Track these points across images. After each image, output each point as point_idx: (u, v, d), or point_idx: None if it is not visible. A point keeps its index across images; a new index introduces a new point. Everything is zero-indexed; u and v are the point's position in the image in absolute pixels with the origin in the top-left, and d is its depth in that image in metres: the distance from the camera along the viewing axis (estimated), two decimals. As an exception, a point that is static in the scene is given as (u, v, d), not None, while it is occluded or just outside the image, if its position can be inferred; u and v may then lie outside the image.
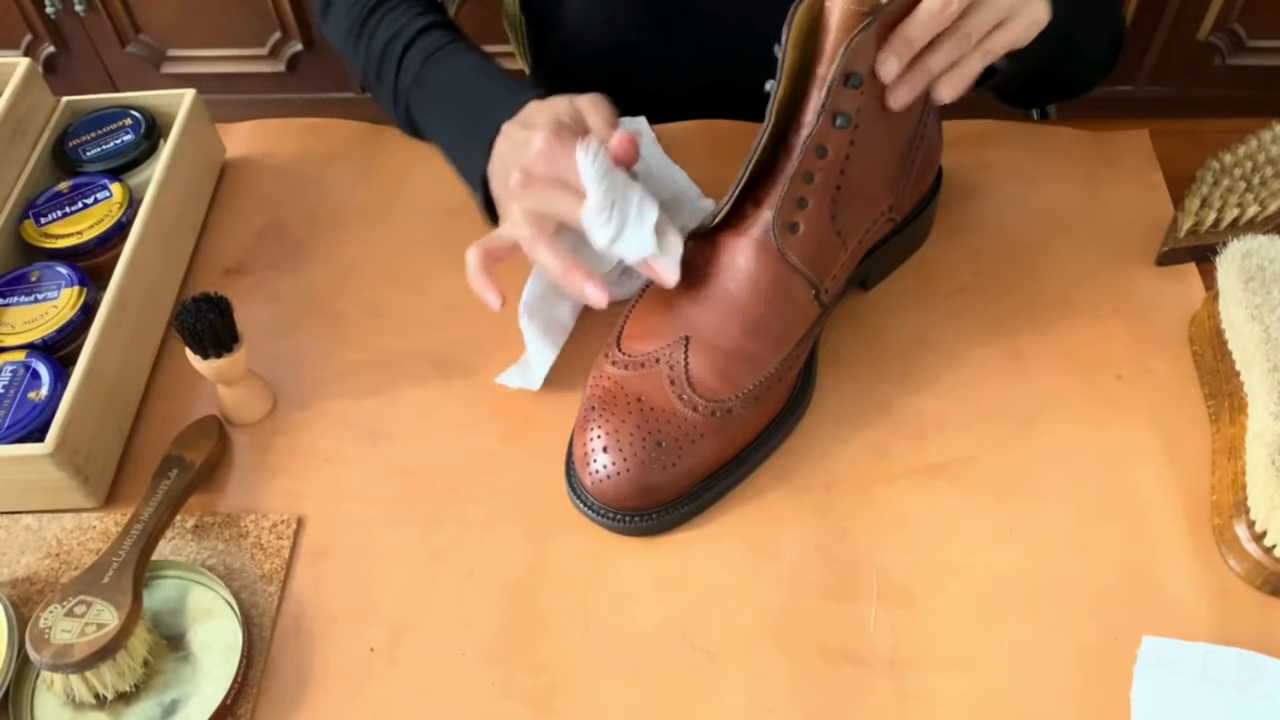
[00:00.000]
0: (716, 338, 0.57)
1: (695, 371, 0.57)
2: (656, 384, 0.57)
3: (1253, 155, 0.68)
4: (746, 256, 0.57)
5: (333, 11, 0.76)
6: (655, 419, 0.56)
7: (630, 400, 0.56)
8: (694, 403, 0.56)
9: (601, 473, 0.55)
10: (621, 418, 0.56)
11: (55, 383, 0.60)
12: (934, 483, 0.59)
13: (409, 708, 0.52)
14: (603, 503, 0.56)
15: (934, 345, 0.65)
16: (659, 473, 0.55)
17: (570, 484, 0.58)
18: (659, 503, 0.56)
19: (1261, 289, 0.57)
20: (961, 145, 0.76)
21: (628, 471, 0.55)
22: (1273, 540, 0.52)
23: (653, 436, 0.55)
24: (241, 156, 0.81)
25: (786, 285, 0.57)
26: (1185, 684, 0.50)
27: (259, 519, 0.59)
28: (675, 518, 0.57)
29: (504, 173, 0.59)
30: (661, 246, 0.56)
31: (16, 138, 0.72)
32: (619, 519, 0.56)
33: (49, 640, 0.49)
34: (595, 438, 0.56)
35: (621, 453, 0.55)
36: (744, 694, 0.52)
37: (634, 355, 0.58)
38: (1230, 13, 1.59)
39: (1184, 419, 0.61)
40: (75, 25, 1.73)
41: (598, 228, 0.55)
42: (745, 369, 0.57)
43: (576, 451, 0.57)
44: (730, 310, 0.57)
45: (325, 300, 0.71)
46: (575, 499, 0.58)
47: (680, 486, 0.57)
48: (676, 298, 0.58)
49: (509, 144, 0.60)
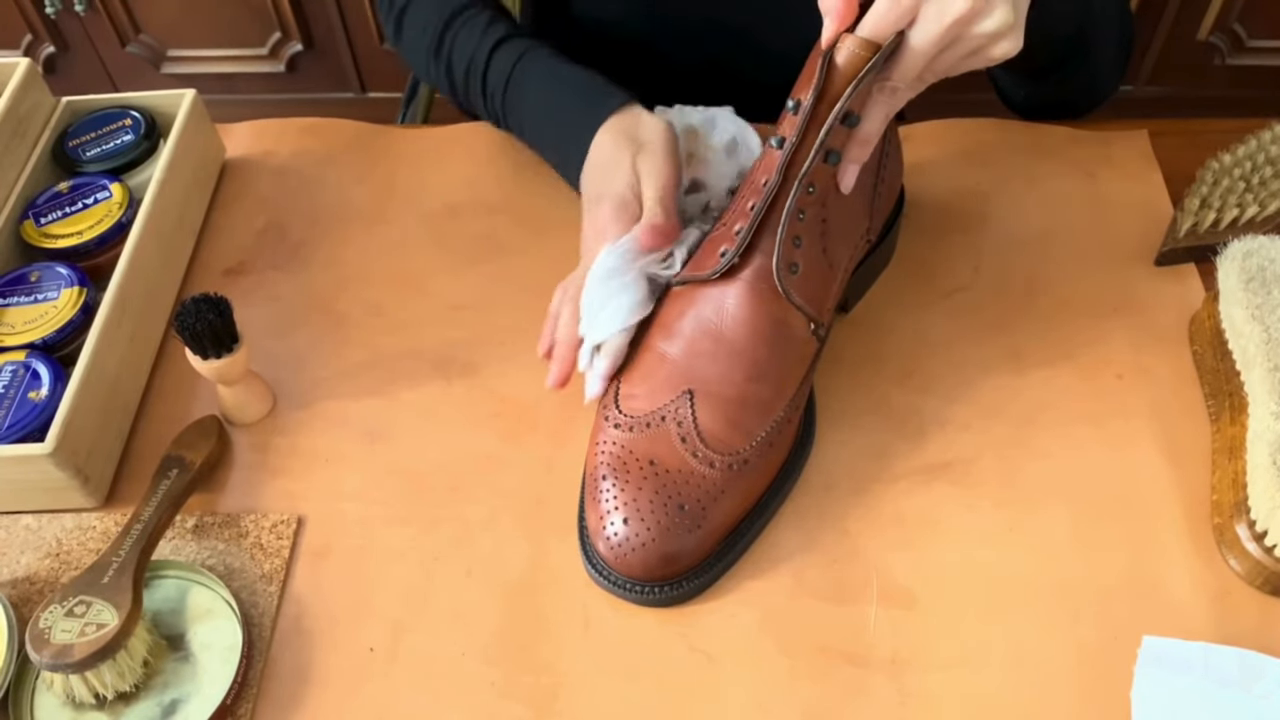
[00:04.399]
0: (721, 388, 0.55)
1: (705, 425, 0.54)
2: (667, 444, 0.54)
3: (1252, 155, 0.68)
4: (743, 301, 0.55)
5: (407, 31, 0.78)
6: (672, 481, 0.54)
7: (643, 464, 0.54)
8: (709, 458, 0.54)
9: (624, 545, 0.53)
10: (638, 485, 0.54)
11: (55, 383, 0.60)
12: (934, 483, 0.59)
13: (409, 708, 0.52)
14: (628, 575, 0.54)
15: (934, 345, 0.65)
16: (684, 537, 0.53)
17: (587, 556, 0.56)
18: (685, 568, 0.54)
19: (1262, 289, 0.57)
20: (961, 145, 0.76)
21: (652, 541, 0.53)
22: (1273, 540, 0.52)
23: (674, 500, 0.53)
24: (241, 156, 0.81)
25: (785, 325, 0.56)
26: (1186, 683, 0.50)
27: (259, 519, 0.59)
28: (704, 582, 0.55)
29: (584, 215, 0.63)
30: (595, 359, 0.58)
31: (16, 138, 0.72)
32: (645, 591, 0.54)
33: (49, 640, 0.49)
34: (613, 509, 0.53)
35: (644, 521, 0.53)
36: (744, 694, 0.52)
37: (637, 415, 0.56)
38: (1230, 13, 1.59)
39: (1184, 419, 0.61)
40: (75, 25, 1.73)
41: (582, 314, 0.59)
42: (754, 416, 0.55)
43: (591, 524, 0.55)
44: (732, 358, 0.55)
45: (325, 300, 0.71)
46: (594, 573, 0.55)
47: (707, 547, 0.54)
48: (671, 351, 0.57)
49: (584, 202, 0.63)
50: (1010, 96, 0.77)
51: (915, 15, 0.50)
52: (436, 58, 0.75)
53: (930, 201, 0.73)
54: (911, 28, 0.51)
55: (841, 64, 0.52)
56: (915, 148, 0.76)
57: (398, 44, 0.80)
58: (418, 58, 0.78)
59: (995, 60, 0.53)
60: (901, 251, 0.69)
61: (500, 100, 0.72)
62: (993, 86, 0.78)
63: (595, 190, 0.63)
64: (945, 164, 0.75)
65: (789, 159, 0.54)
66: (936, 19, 0.50)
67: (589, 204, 0.63)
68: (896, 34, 0.51)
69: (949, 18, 0.50)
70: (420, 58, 0.77)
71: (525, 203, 0.75)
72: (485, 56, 0.72)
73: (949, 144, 0.77)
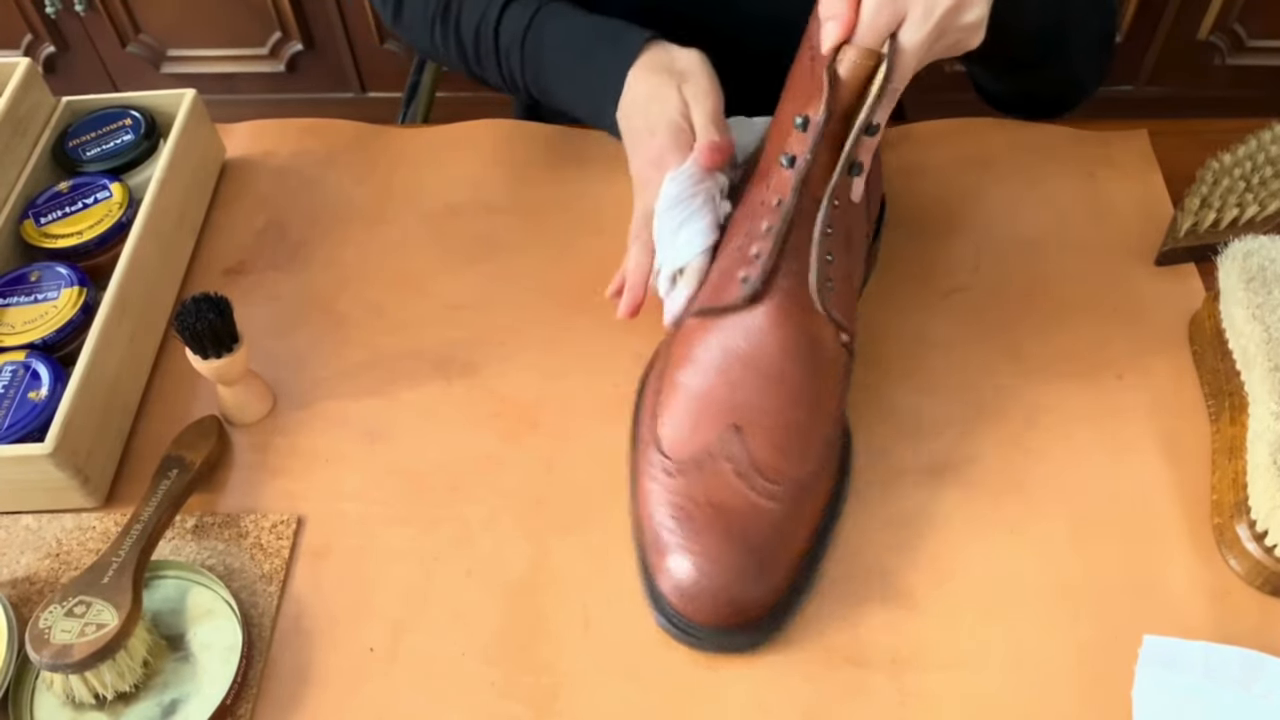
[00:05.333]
0: (767, 417, 0.54)
1: (760, 457, 0.53)
2: (723, 482, 0.53)
3: (1253, 155, 0.68)
4: (774, 325, 0.54)
5: (407, 6, 0.77)
6: (739, 522, 0.52)
7: (705, 508, 0.52)
8: (770, 491, 0.53)
9: (702, 595, 0.51)
10: (707, 533, 0.52)
11: (55, 383, 0.60)
12: (934, 483, 0.59)
13: (409, 708, 0.52)
14: (704, 625, 0.52)
15: (934, 345, 0.65)
16: (760, 577, 0.51)
17: (658, 608, 0.53)
18: (764, 609, 0.52)
19: (1263, 289, 0.57)
20: (961, 144, 0.76)
21: (728, 587, 0.51)
22: (1274, 540, 0.52)
23: (746, 542, 0.51)
24: (241, 156, 0.81)
25: (819, 343, 0.55)
26: (1187, 683, 0.50)
27: (259, 519, 0.59)
28: (776, 623, 0.53)
29: (630, 158, 0.62)
30: (678, 284, 0.58)
31: (16, 138, 0.72)
32: (723, 636, 0.52)
33: (49, 640, 0.49)
34: (684, 558, 0.51)
35: (718, 564, 0.51)
36: (744, 694, 0.52)
37: (684, 458, 0.54)
38: (1230, 13, 1.59)
39: (1184, 419, 0.61)
40: (75, 25, 1.73)
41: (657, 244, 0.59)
42: (803, 440, 0.54)
43: (662, 581, 0.52)
44: (772, 384, 0.54)
45: (325, 300, 0.71)
46: (669, 625, 0.53)
47: (782, 585, 0.53)
48: (705, 386, 0.55)
49: (631, 138, 0.62)
50: (988, 91, 0.76)
51: (904, 16, 0.50)
52: (443, 24, 0.74)
53: (930, 201, 0.73)
54: (900, 29, 0.51)
55: (846, 75, 0.51)
56: (915, 148, 0.76)
57: (396, 23, 0.79)
58: (420, 30, 0.76)
59: (969, 49, 0.53)
60: (902, 252, 0.69)
61: (518, 57, 0.71)
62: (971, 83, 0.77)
63: (643, 124, 0.62)
64: (945, 164, 0.75)
65: (805, 176, 0.53)
66: (924, 17, 0.50)
67: (637, 139, 0.62)
68: (890, 37, 0.51)
69: (937, 13, 0.50)
70: (423, 30, 0.76)
71: (525, 202, 0.75)
72: (497, 14, 0.71)
73: (949, 144, 0.77)
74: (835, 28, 0.51)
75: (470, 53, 0.74)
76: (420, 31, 0.77)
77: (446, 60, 0.77)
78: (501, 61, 0.72)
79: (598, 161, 0.77)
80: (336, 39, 1.73)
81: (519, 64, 0.71)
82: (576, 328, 0.67)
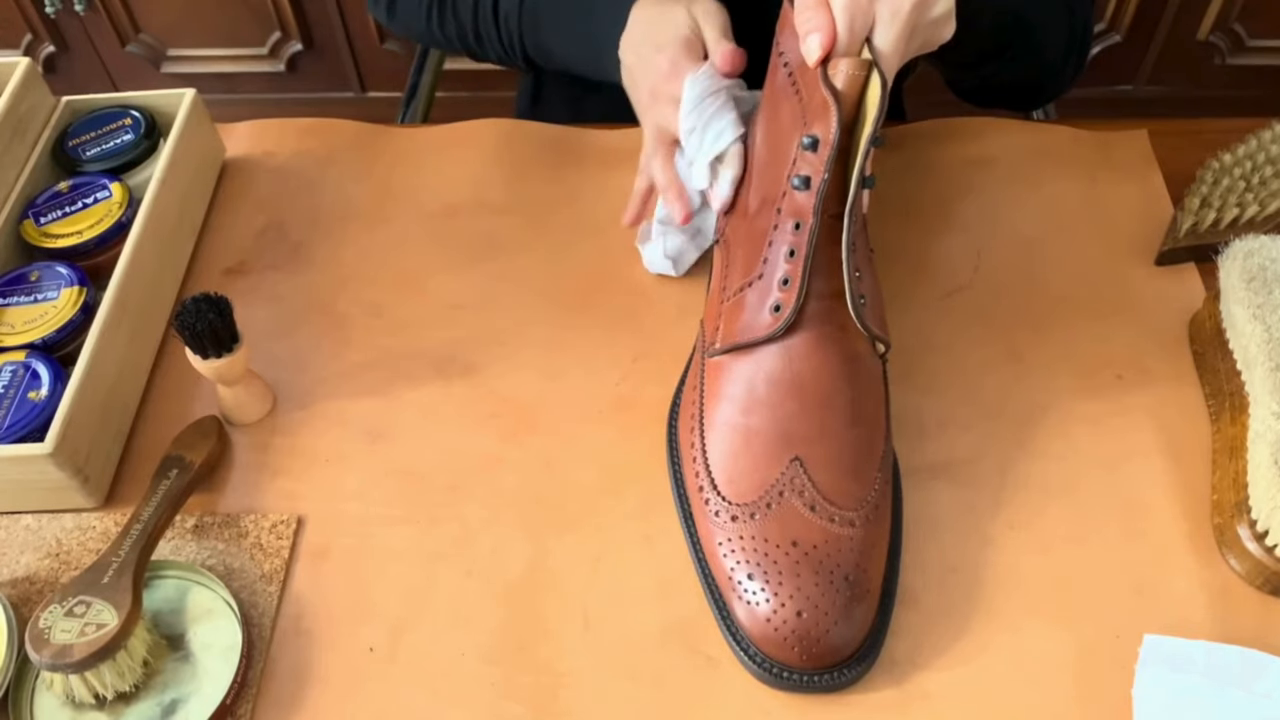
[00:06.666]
0: (824, 444, 0.53)
1: (826, 486, 0.52)
2: (796, 517, 0.51)
3: (1253, 155, 0.68)
4: (814, 348, 0.53)
5: (399, 4, 0.78)
6: (823, 555, 0.51)
7: (786, 548, 0.51)
8: (845, 517, 0.51)
9: (807, 638, 0.49)
10: (796, 574, 0.50)
11: (55, 383, 0.60)
12: (934, 483, 0.59)
13: (409, 708, 0.52)
14: (801, 667, 0.50)
15: (934, 345, 0.65)
16: (857, 606, 0.50)
17: (755, 662, 0.51)
18: (866, 635, 0.51)
19: (1264, 289, 0.57)
20: (961, 144, 0.76)
21: (834, 625, 0.49)
22: (1274, 540, 0.52)
23: (839, 572, 0.50)
24: (241, 156, 0.81)
25: (858, 358, 0.54)
26: (1187, 682, 0.50)
27: (259, 519, 0.59)
28: (870, 662, 0.51)
29: (635, 89, 0.63)
30: (719, 172, 0.59)
31: (16, 138, 0.72)
32: (826, 675, 0.50)
33: (48, 640, 0.49)
34: (780, 605, 0.50)
35: (818, 606, 0.49)
36: (743, 695, 0.52)
37: (748, 500, 0.52)
38: (1230, 13, 1.59)
39: (1184, 419, 0.61)
40: (75, 25, 1.73)
41: (684, 148, 0.60)
42: (864, 459, 0.53)
43: (754, 629, 0.51)
44: (824, 409, 0.53)
45: (325, 300, 0.71)
46: (764, 672, 0.51)
47: (872, 611, 0.52)
48: (753, 423, 0.54)
49: (640, 62, 0.62)
50: (962, 86, 0.76)
51: (873, 19, 0.50)
52: (440, 7, 0.75)
53: (930, 201, 0.73)
54: (872, 33, 0.51)
55: (844, 88, 0.51)
56: (915, 148, 0.76)
57: (391, 20, 0.80)
58: (416, 21, 0.77)
59: (943, 42, 0.54)
60: (902, 251, 0.69)
61: (516, 21, 0.71)
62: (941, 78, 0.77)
63: (651, 46, 0.62)
64: (945, 164, 0.75)
65: (824, 196, 0.52)
66: (893, 17, 0.50)
67: (644, 63, 0.62)
68: (865, 43, 0.51)
69: (904, 12, 0.50)
70: (418, 13, 0.77)
71: (525, 202, 0.75)
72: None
73: (949, 144, 0.77)
74: (818, 39, 0.50)
75: (470, 29, 0.75)
76: (416, 22, 0.77)
77: (445, 43, 0.78)
78: (501, 27, 0.73)
79: (598, 161, 0.77)
80: (336, 39, 1.73)
81: (519, 28, 0.72)
82: (576, 328, 0.67)
